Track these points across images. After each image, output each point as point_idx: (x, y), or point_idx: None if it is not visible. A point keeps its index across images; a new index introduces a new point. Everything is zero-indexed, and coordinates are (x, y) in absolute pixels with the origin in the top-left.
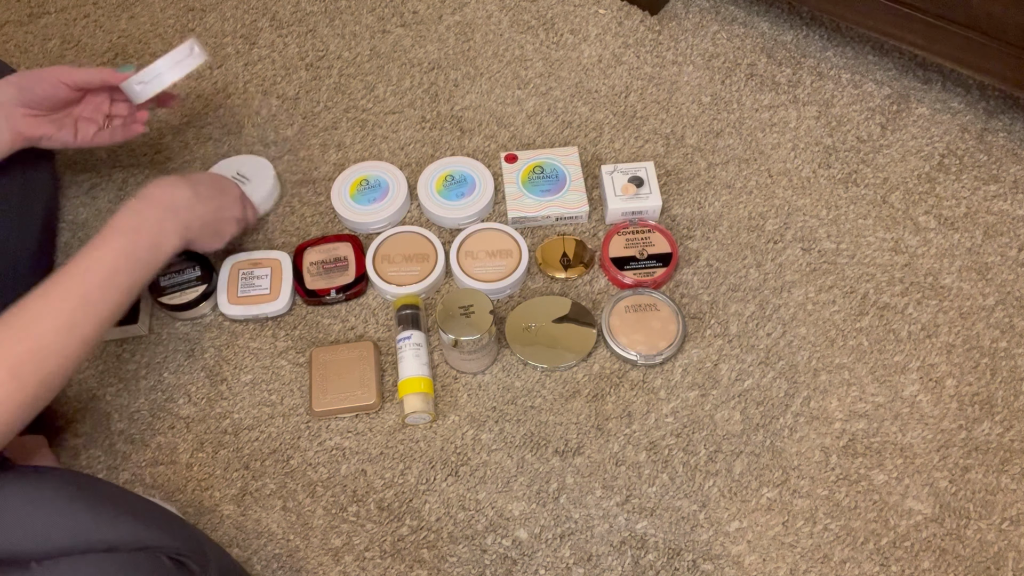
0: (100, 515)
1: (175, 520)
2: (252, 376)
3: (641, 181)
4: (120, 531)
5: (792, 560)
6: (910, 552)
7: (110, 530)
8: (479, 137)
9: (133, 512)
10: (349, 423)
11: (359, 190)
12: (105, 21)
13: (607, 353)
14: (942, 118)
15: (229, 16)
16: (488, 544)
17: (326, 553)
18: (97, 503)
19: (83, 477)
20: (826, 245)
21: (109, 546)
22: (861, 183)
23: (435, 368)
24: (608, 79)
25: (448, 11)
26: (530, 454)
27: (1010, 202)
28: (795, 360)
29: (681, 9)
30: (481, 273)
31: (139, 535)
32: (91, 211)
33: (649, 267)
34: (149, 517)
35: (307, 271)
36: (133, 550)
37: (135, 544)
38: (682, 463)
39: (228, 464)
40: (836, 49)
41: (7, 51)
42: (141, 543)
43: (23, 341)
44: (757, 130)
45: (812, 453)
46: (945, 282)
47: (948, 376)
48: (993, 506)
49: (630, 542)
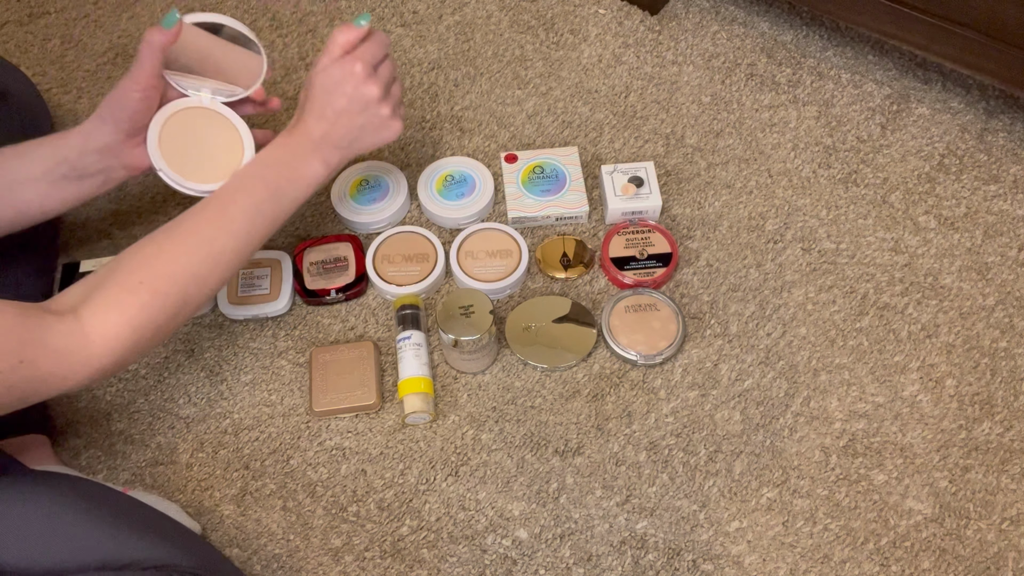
0: (116, 531)
1: (189, 536)
2: (252, 376)
3: (641, 181)
4: (135, 548)
5: (792, 560)
6: (910, 552)
7: (125, 547)
8: (479, 137)
9: (147, 528)
10: (349, 423)
11: (359, 190)
12: (105, 21)
13: (607, 353)
14: (942, 118)
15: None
16: (488, 544)
17: (326, 553)
18: (112, 518)
19: (98, 488)
20: (826, 245)
21: (123, 564)
22: (861, 183)
23: (435, 368)
24: (608, 79)
25: (448, 11)
26: (530, 454)
27: (1010, 202)
28: (795, 360)
29: (681, 9)
30: (481, 273)
31: (154, 552)
32: (91, 211)
33: (649, 267)
34: (163, 533)
35: (307, 271)
36: (148, 568)
37: (149, 562)
38: (682, 463)
39: (228, 464)
40: (836, 49)
41: (7, 51)
42: (155, 561)
43: (169, 263)
44: (757, 130)
45: (812, 453)
46: (945, 282)
47: (948, 376)
48: (993, 506)
49: (630, 542)
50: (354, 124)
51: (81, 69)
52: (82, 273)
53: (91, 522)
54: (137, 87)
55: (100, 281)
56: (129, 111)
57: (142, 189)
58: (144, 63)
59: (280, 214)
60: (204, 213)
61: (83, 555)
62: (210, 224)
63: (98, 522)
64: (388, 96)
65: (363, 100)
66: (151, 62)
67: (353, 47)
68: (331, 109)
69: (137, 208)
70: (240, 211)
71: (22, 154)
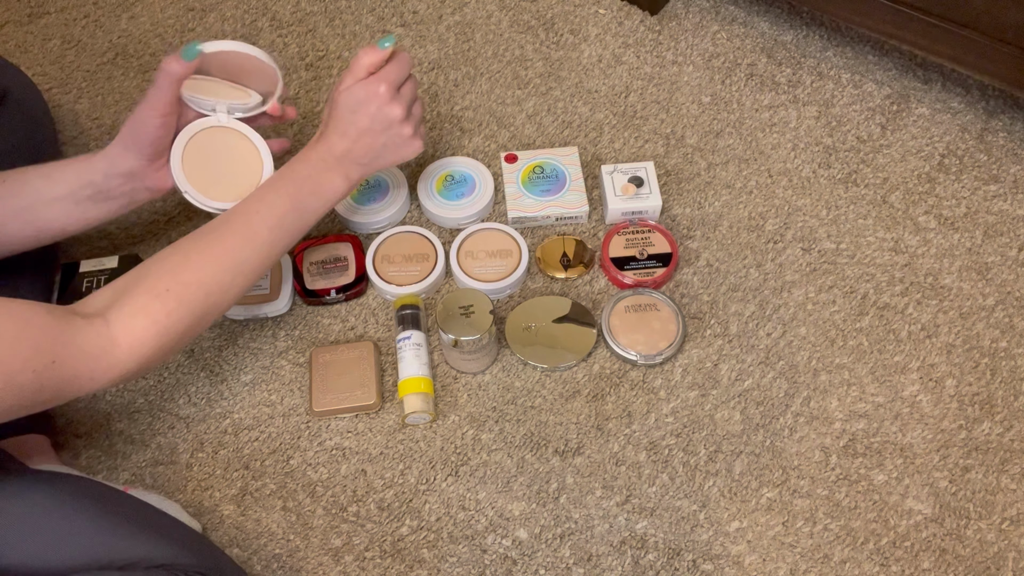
0: (118, 530)
1: (191, 535)
2: (252, 376)
3: (641, 181)
4: (137, 547)
5: (792, 560)
6: (910, 552)
7: (127, 546)
8: (479, 137)
9: (149, 527)
10: (349, 423)
11: (359, 190)
12: (105, 21)
13: (607, 353)
14: (942, 118)
15: (229, 16)
16: (488, 544)
17: (326, 553)
18: (114, 517)
19: (101, 488)
20: (826, 245)
21: (125, 563)
22: (861, 183)
23: (435, 368)
24: (608, 79)
25: (448, 11)
26: (530, 454)
27: (1010, 202)
28: (795, 360)
29: (681, 9)
30: (481, 273)
31: (156, 551)
32: None
33: (649, 267)
34: (165, 532)
35: (307, 271)
36: (150, 567)
37: (151, 561)
38: (682, 463)
39: (228, 464)
40: (836, 49)
41: (7, 51)
42: (157, 560)
43: (195, 272)
44: (757, 130)
45: (812, 453)
46: (945, 282)
47: (948, 376)
48: (993, 506)
49: (630, 542)
50: (376, 143)
51: (81, 69)
52: (82, 273)
53: (93, 521)
54: (155, 114)
55: (127, 287)
56: (150, 138)
57: None
58: (162, 91)
59: (302, 227)
60: (230, 224)
61: (85, 554)
62: (235, 235)
63: (100, 521)
64: (410, 116)
65: (386, 120)
66: (170, 91)
67: (378, 68)
68: (354, 128)
69: (137, 208)
70: (263, 223)
71: (47, 175)
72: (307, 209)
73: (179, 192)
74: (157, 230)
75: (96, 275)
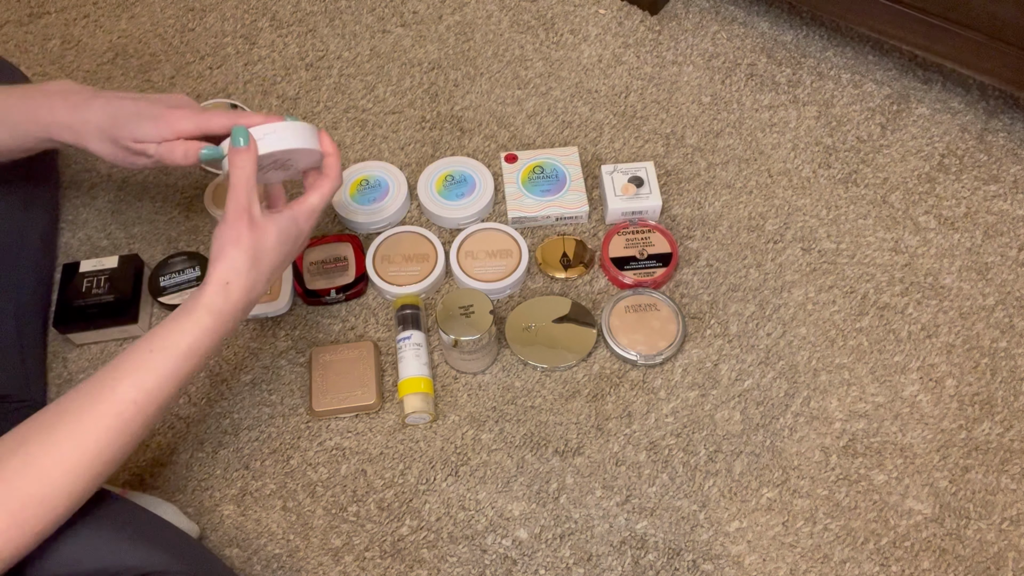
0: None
1: (183, 540)
2: (252, 376)
3: (641, 181)
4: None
5: (792, 560)
6: (910, 552)
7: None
8: (479, 137)
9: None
10: (349, 423)
11: (359, 190)
12: (105, 21)
13: (607, 353)
14: (942, 118)
15: (229, 16)
16: (488, 544)
17: (326, 553)
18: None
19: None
20: (826, 245)
21: (116, 571)
22: (861, 183)
23: (435, 368)
24: (608, 79)
25: (448, 11)
26: (530, 454)
27: (1010, 202)
28: (795, 360)
29: (681, 9)
30: (481, 273)
31: (147, 559)
32: (91, 211)
33: (649, 267)
34: (156, 539)
35: (307, 271)
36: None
37: (142, 569)
38: (682, 463)
39: (228, 464)
40: (836, 49)
41: (7, 51)
42: (148, 567)
43: (32, 483)
44: (757, 130)
45: (812, 453)
46: (945, 282)
47: (948, 376)
48: (993, 506)
49: (630, 542)
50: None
51: (81, 69)
52: (82, 273)
53: (84, 530)
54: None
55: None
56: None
57: (141, 189)
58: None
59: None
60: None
61: (77, 564)
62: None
63: (93, 530)
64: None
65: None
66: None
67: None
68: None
69: (137, 208)
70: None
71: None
72: (193, 373)
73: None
74: (157, 230)
75: (96, 275)
